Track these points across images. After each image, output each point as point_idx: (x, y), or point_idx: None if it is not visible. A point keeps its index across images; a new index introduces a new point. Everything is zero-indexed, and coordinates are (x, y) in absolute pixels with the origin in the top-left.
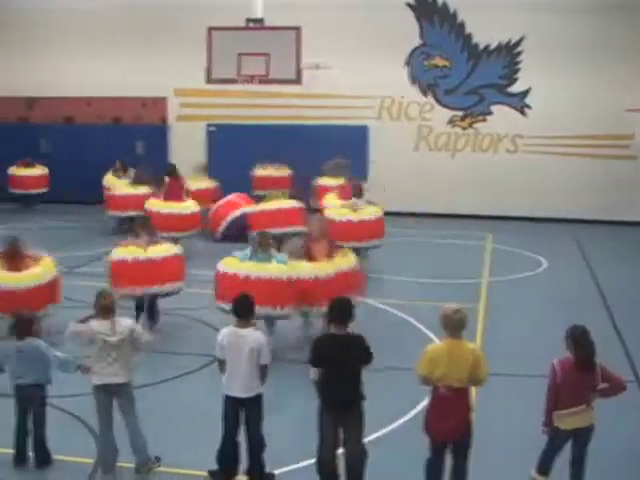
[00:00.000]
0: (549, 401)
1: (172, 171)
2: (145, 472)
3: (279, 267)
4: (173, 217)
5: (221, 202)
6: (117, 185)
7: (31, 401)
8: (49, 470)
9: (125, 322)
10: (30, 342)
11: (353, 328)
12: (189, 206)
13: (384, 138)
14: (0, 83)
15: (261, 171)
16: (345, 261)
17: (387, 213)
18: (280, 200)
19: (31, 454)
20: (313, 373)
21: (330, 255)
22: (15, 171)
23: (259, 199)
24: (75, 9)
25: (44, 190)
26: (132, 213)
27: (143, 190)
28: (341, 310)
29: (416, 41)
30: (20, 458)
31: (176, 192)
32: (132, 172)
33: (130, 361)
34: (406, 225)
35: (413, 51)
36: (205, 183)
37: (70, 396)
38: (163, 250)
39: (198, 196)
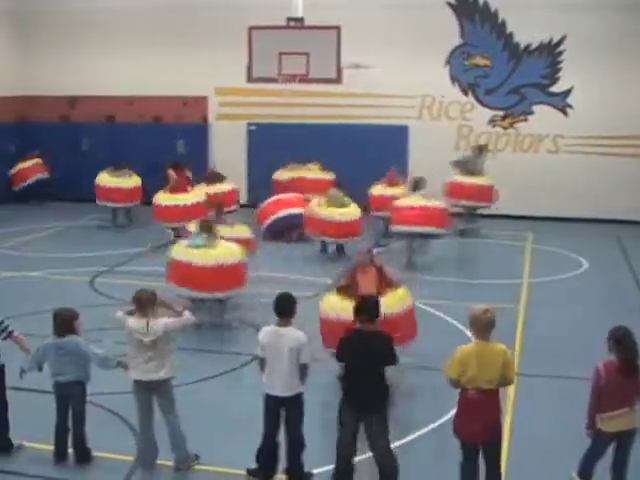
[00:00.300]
0: (592, 403)
1: (176, 165)
2: (184, 469)
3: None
4: (178, 208)
5: (271, 200)
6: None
7: (71, 398)
8: (89, 467)
9: (160, 321)
10: (70, 339)
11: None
12: (191, 198)
13: (424, 138)
14: (43, 82)
15: (285, 174)
16: (393, 302)
17: None
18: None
19: (71, 451)
20: (338, 368)
21: (380, 290)
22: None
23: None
24: (117, 8)
25: (44, 176)
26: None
27: (132, 183)
28: (367, 308)
29: (456, 40)
30: (60, 455)
31: (180, 185)
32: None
33: (168, 359)
34: None
35: (454, 50)
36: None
37: (110, 393)
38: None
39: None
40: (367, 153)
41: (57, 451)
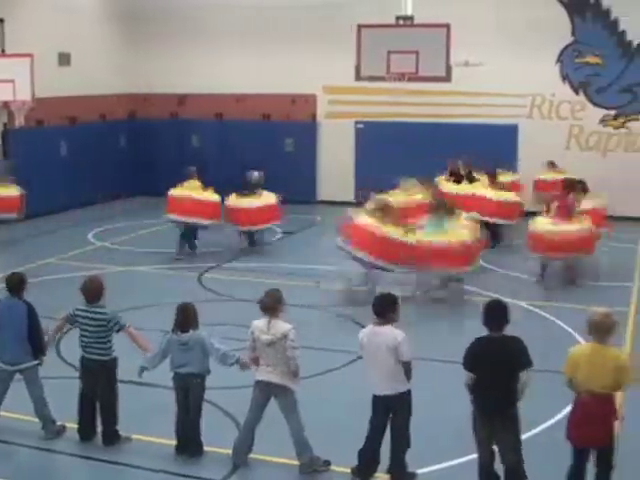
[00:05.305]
0: None
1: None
2: (308, 473)
3: None
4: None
5: None
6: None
7: (190, 390)
8: (197, 461)
9: (283, 325)
10: (193, 334)
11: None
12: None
13: (534, 137)
14: (154, 80)
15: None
16: None
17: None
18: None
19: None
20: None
21: None
22: None
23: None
24: (226, 7)
25: None
26: None
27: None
28: (496, 313)
29: (568, 38)
30: (182, 448)
31: None
32: None
33: (288, 364)
34: None
35: (565, 48)
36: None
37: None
38: None
39: None
40: (475, 152)
41: (178, 444)
